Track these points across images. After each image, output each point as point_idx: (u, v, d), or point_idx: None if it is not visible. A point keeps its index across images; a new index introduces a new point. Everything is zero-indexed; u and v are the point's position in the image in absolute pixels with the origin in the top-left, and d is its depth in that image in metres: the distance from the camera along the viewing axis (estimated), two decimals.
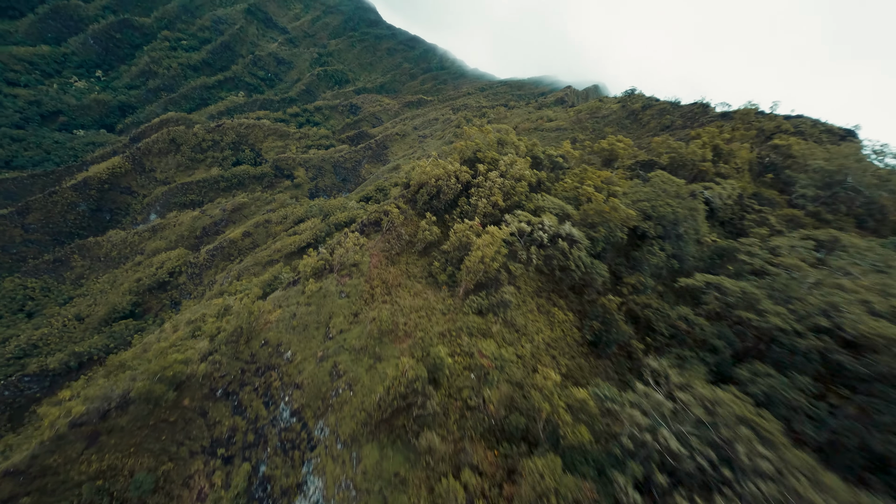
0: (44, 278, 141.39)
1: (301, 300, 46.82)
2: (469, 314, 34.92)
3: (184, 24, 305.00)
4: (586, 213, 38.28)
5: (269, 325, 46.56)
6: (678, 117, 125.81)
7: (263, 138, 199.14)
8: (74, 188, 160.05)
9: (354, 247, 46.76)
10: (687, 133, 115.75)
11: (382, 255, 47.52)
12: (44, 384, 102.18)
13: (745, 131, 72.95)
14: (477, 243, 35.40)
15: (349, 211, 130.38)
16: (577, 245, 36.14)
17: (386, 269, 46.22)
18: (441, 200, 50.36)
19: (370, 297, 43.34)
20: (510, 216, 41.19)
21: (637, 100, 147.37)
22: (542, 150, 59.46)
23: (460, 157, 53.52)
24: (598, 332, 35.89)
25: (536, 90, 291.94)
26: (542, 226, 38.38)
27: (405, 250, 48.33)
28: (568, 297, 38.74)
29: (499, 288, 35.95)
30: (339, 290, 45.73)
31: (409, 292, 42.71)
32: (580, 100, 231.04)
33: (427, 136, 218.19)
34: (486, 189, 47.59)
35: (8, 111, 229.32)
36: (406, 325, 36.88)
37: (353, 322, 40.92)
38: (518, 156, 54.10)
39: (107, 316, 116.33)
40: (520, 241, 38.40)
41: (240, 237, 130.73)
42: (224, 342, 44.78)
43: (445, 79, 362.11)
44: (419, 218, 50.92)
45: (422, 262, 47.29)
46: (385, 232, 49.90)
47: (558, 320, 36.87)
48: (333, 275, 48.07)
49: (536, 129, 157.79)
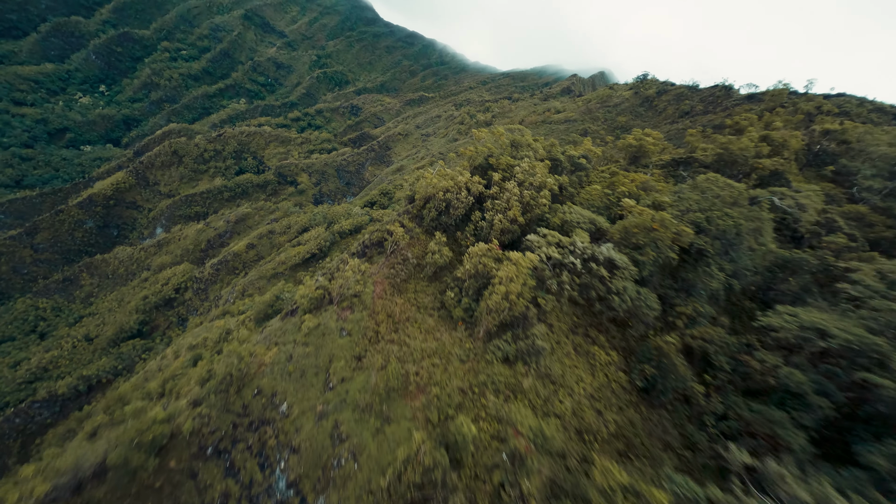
0: (54, 298, 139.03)
1: (298, 338, 40.66)
2: (493, 362, 28.36)
3: (182, 34, 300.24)
4: (627, 230, 31.13)
5: (263, 368, 40.59)
6: (697, 102, 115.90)
7: (265, 145, 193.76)
8: (80, 206, 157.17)
9: (355, 274, 40.27)
10: (710, 119, 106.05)
11: (387, 283, 40.96)
12: (54, 409, 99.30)
13: (790, 116, 63.87)
14: (499, 275, 28.65)
15: (353, 218, 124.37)
16: (620, 272, 29.14)
17: (392, 300, 39.69)
18: (451, 216, 43.41)
19: (375, 335, 36.90)
20: (534, 237, 34.13)
21: (650, 85, 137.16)
22: (560, 150, 51.88)
23: (470, 165, 46.36)
24: (650, 377, 29.06)
25: (540, 81, 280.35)
26: (574, 248, 31.39)
27: (413, 276, 41.66)
28: (609, 332, 31.89)
29: (527, 327, 29.25)
30: (340, 326, 39.39)
31: (419, 329, 36.14)
32: (587, 88, 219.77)
33: (430, 135, 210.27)
34: (503, 202, 40.48)
35: (16, 131, 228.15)
36: (418, 376, 30.42)
37: (357, 368, 34.58)
38: (536, 159, 46.72)
39: (115, 336, 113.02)
40: (549, 267, 31.47)
41: (244, 250, 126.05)
42: (213, 390, 39.03)
43: (446, 74, 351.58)
44: (427, 236, 44.13)
45: (432, 290, 40.61)
46: (389, 255, 43.25)
47: (600, 362, 30.09)
48: (333, 307, 41.73)
49: (544, 122, 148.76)
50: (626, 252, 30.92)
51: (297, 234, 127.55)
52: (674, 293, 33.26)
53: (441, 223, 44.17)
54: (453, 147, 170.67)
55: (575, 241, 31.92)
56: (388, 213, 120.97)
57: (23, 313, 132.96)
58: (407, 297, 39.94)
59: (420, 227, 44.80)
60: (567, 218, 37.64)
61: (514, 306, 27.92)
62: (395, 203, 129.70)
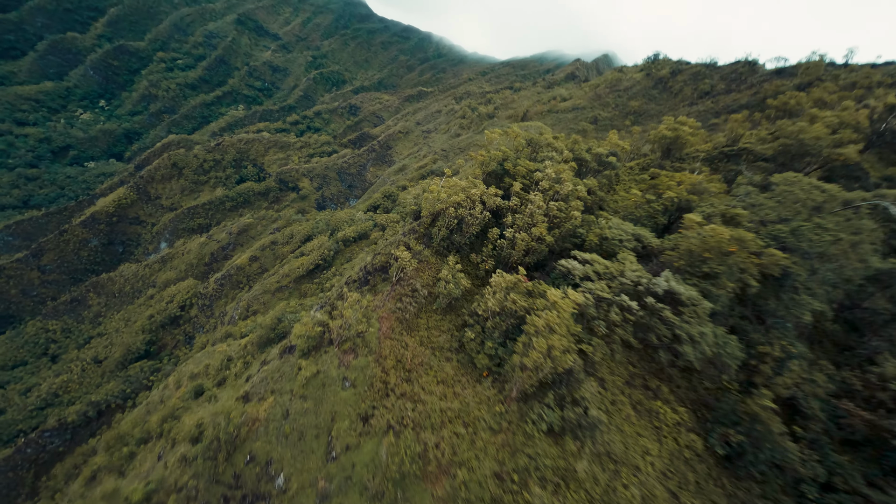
0: (63, 319, 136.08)
1: (295, 388, 34.48)
2: (535, 435, 21.86)
3: (177, 43, 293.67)
4: (692, 253, 23.95)
5: (257, 425, 34.61)
6: (718, 81, 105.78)
7: (264, 152, 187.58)
8: (84, 224, 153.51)
9: (356, 308, 33.76)
10: (734, 99, 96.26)
11: (394, 319, 34.39)
12: (65, 437, 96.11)
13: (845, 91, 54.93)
14: (536, 323, 21.90)
15: (357, 224, 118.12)
16: (689, 311, 22.13)
17: (401, 339, 33.15)
18: (464, 234, 36.43)
19: (383, 386, 30.49)
20: (573, 263, 27.05)
21: (663, 65, 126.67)
22: (584, 147, 44.30)
23: (483, 172, 39.12)
24: (735, 444, 22.31)
25: (541, 67, 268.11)
26: (624, 278, 24.38)
27: (424, 308, 34.98)
28: (672, 380, 25.09)
29: (573, 386, 22.55)
30: (342, 374, 33.04)
31: (435, 378, 29.62)
32: (591, 73, 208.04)
33: (431, 131, 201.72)
34: (525, 216, 33.33)
35: (20, 151, 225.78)
36: (439, 450, 23.97)
37: (364, 433, 28.26)
38: (559, 160, 39.31)
39: (122, 358, 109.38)
40: (593, 302, 24.52)
41: (247, 263, 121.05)
42: (200, 454, 33.29)
43: (444, 67, 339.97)
44: (437, 259, 37.28)
45: (448, 325, 33.94)
46: (395, 283, 36.56)
47: (666, 424, 23.39)
48: (334, 349, 35.39)
49: (550, 112, 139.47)
50: (692, 282, 23.86)
51: (300, 244, 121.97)
52: (749, 326, 26.20)
53: (453, 242, 37.20)
54: (456, 143, 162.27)
55: (624, 268, 24.90)
56: (391, 217, 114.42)
57: (33, 336, 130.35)
58: (418, 336, 33.34)
59: (429, 248, 37.90)
60: (607, 234, 30.39)
61: (559, 364, 21.24)
62: (398, 207, 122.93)
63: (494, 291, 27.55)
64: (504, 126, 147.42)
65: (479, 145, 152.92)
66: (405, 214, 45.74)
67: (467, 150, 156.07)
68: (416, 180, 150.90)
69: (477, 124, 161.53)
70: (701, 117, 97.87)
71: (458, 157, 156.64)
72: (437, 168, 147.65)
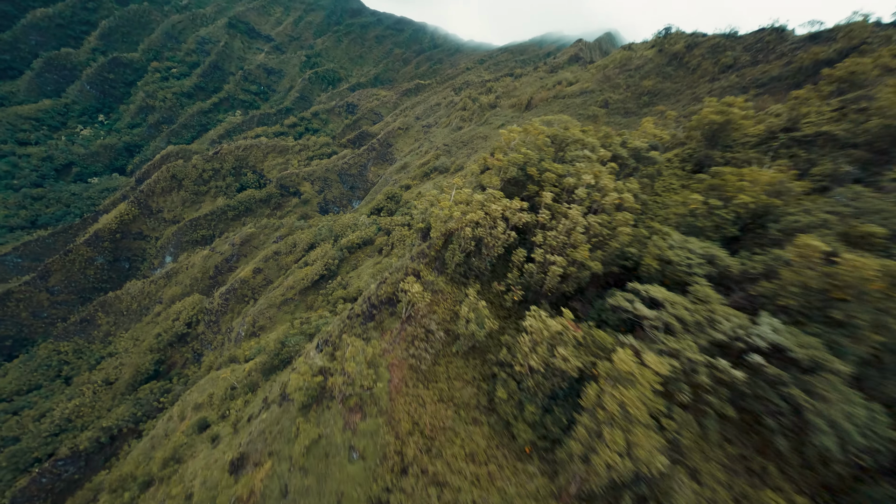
0: (74, 340, 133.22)
1: (294, 454, 28.37)
2: None
3: (170, 52, 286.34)
4: (808, 288, 16.87)
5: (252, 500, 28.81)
6: (741, 52, 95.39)
7: (263, 157, 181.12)
8: (88, 243, 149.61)
9: (360, 360, 27.34)
10: (764, 71, 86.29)
11: (407, 368, 27.92)
12: (79, 464, 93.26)
13: None
14: (607, 406, 15.21)
15: (361, 229, 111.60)
16: (823, 378, 15.28)
17: (416, 395, 26.72)
18: (484, 258, 29.56)
19: (399, 459, 24.19)
20: (627, 299, 20.19)
21: (676, 39, 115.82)
22: (618, 141, 36.69)
23: (501, 179, 31.93)
24: None
25: (541, 51, 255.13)
26: (716, 331, 17.44)
27: (442, 352, 28.40)
28: (785, 460, 18.42)
29: (657, 486, 16.07)
30: (348, 441, 26.78)
31: (463, 451, 23.19)
32: (595, 53, 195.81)
33: (432, 125, 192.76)
34: (560, 233, 26.22)
35: (25, 171, 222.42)
36: None
37: None
38: (594, 160, 31.88)
39: (132, 379, 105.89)
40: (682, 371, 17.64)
41: (251, 275, 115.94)
42: None
43: (440, 57, 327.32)
44: (453, 288, 30.47)
45: (471, 372, 27.37)
46: (405, 321, 29.98)
47: None
48: (337, 404, 29.17)
49: (556, 98, 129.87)
50: (812, 329, 16.87)
51: (304, 253, 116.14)
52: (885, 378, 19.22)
53: (471, 268, 30.33)
54: (458, 136, 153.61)
55: (713, 313, 17.99)
56: (395, 220, 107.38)
57: (46, 359, 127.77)
58: (437, 389, 26.80)
59: (442, 274, 31.06)
60: (669, 256, 23.26)
61: (644, 467, 14.69)
62: (402, 209, 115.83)
63: (534, 344, 20.75)
64: (510, 117, 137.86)
65: (483, 137, 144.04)
66: (413, 231, 38.03)
67: (470, 143, 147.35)
68: (418, 178, 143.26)
69: (479, 115, 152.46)
70: (725, 94, 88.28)
71: (461, 151, 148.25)
72: (440, 164, 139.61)
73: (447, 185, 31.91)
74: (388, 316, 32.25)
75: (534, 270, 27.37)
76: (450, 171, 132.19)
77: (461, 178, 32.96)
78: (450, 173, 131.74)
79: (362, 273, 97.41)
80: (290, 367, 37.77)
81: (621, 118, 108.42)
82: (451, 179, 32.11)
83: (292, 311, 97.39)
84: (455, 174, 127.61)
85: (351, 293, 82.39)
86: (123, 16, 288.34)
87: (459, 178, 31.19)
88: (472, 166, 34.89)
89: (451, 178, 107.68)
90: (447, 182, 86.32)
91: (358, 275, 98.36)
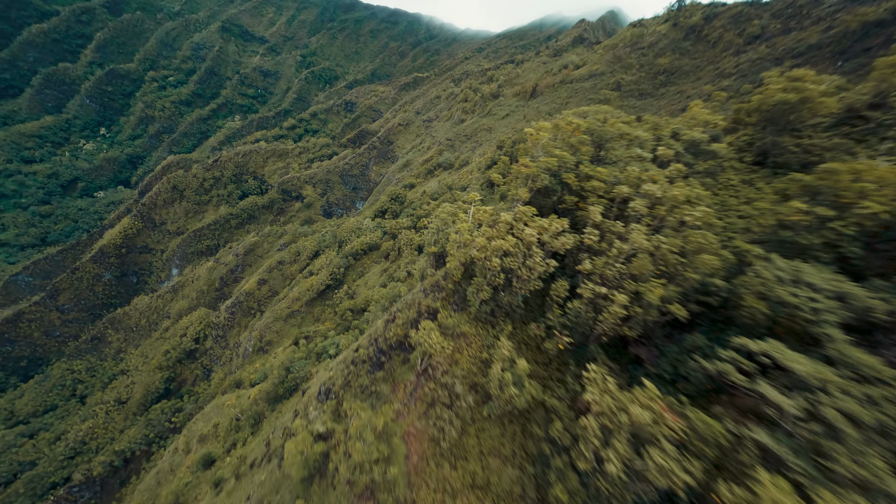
0: (87, 358, 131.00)
1: None
2: None
3: (166, 60, 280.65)
4: None
5: None
6: (769, 20, 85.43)
7: (263, 163, 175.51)
8: (94, 260, 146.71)
9: (367, 435, 21.26)
10: (799, 39, 76.51)
11: (427, 441, 21.68)
12: (95, 489, 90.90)
13: None
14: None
15: (365, 234, 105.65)
16: None
17: (442, 480, 20.53)
18: (516, 292, 22.90)
19: None
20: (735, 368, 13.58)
21: (692, 11, 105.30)
22: (668, 132, 29.40)
23: (529, 189, 24.89)
24: None
25: (541, 35, 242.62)
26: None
27: (470, 416, 22.05)
28: None
29: None
30: None
31: None
32: (599, 33, 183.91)
33: (433, 119, 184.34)
34: (616, 260, 19.42)
35: (31, 189, 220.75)
36: None
37: None
38: (647, 159, 24.72)
39: (143, 399, 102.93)
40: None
41: (256, 287, 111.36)
42: None
43: (437, 48, 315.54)
44: (478, 329, 23.90)
45: (510, 445, 21.08)
46: (421, 374, 23.68)
47: None
48: (344, 486, 23.16)
49: (563, 83, 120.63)
50: None
51: (309, 261, 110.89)
52: None
53: (500, 305, 23.72)
54: (461, 130, 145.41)
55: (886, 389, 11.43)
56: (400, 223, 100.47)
57: (60, 379, 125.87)
58: (468, 472, 20.52)
59: (463, 311, 24.47)
60: (783, 296, 16.39)
61: None
62: (407, 210, 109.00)
63: (607, 434, 14.25)
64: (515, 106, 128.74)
65: (487, 129, 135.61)
66: (424, 255, 30.45)
67: (474, 136, 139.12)
68: (422, 176, 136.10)
69: (481, 106, 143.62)
70: (755, 67, 78.85)
71: (465, 145, 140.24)
72: (443, 160, 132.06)
73: (463, 201, 24.76)
74: (399, 364, 25.94)
75: (581, 309, 20.59)
76: (454, 167, 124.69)
77: (478, 193, 26.07)
78: (454, 169, 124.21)
79: (369, 281, 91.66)
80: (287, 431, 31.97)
81: (636, 101, 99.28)
82: (466, 196, 24.45)
83: (299, 323, 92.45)
84: (460, 169, 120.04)
85: (358, 304, 76.76)
86: (117, 26, 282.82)
87: (476, 195, 24.21)
88: (494, 177, 27.77)
89: (464, 188, 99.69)
90: (461, 196, 78.22)
91: (365, 283, 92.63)
